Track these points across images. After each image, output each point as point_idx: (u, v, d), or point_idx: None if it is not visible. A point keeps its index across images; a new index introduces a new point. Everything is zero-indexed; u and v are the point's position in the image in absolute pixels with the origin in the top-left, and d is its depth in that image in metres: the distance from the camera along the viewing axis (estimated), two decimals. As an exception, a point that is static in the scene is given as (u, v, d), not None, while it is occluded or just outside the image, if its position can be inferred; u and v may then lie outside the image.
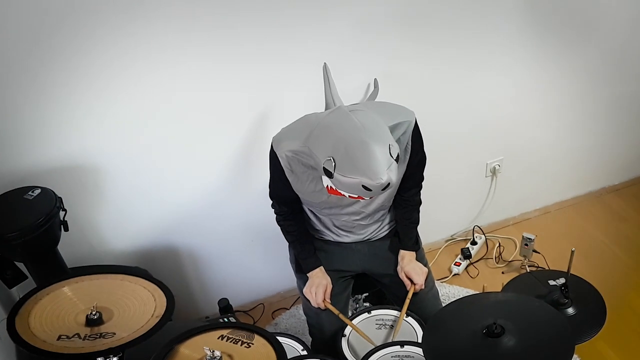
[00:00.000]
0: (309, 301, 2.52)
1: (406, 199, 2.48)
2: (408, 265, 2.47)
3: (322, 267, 2.53)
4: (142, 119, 2.76)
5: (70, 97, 2.58)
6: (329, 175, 1.90)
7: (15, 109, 2.52)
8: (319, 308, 2.49)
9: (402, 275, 2.48)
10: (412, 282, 2.47)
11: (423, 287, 2.45)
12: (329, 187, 2.00)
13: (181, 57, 2.66)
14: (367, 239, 2.58)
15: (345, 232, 2.53)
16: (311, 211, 2.52)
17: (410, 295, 2.43)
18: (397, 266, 2.54)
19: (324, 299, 2.45)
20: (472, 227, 4.02)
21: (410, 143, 2.23)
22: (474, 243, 3.94)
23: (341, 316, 2.43)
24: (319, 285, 2.46)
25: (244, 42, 2.68)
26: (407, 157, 2.25)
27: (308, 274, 2.52)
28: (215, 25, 2.60)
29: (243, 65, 2.76)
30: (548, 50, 3.43)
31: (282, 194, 2.38)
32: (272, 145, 2.22)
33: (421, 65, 3.14)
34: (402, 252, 2.52)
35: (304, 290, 2.51)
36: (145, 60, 2.60)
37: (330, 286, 2.48)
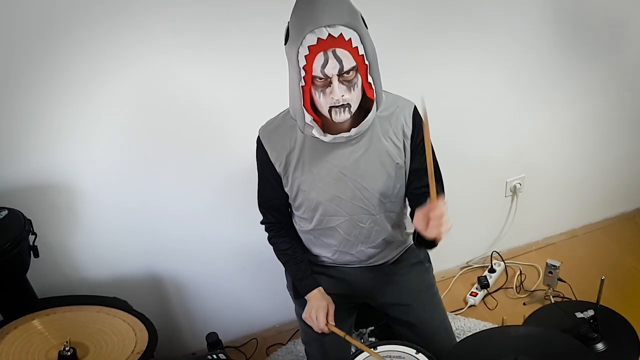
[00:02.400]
0: (309, 328, 2.52)
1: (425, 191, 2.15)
2: (435, 208, 1.97)
3: (320, 288, 2.52)
4: (121, 135, 2.78)
5: (41, 111, 2.59)
6: (285, 39, 2.02)
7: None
8: (321, 336, 2.49)
9: (418, 214, 2.04)
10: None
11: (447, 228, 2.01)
12: (301, 85, 2.05)
13: (166, 69, 2.69)
14: (374, 265, 2.60)
15: (348, 252, 2.54)
16: (308, 234, 2.54)
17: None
18: (408, 291, 2.54)
19: (327, 322, 2.44)
20: (490, 253, 4.02)
21: (410, 128, 2.29)
22: (492, 271, 3.93)
23: (348, 338, 2.41)
24: (319, 308, 2.45)
25: (235, 66, 2.77)
26: (409, 143, 2.30)
27: (306, 297, 2.52)
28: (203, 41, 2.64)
29: (230, 86, 2.83)
30: (574, 61, 3.45)
31: (270, 194, 2.43)
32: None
33: (438, 76, 3.18)
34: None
35: (303, 315, 2.50)
36: (124, 75, 2.63)
37: (332, 307, 2.48)
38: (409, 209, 2.54)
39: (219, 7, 2.61)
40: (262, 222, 2.56)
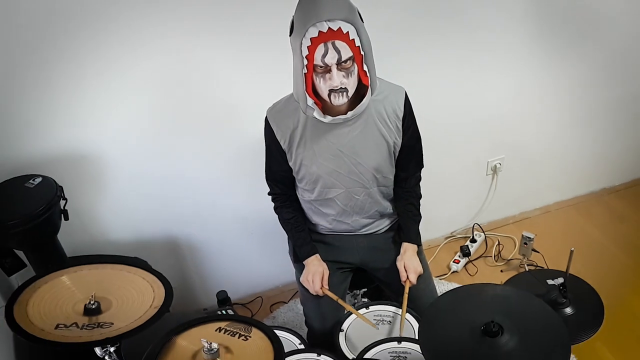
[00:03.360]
0: (307, 290, 2.54)
1: (407, 190, 2.55)
2: (409, 259, 2.48)
3: (317, 255, 2.55)
4: (146, 112, 2.79)
5: (74, 88, 2.59)
6: (290, 31, 2.06)
7: (19, 98, 2.53)
8: (317, 297, 2.51)
9: (399, 265, 2.49)
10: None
11: (414, 283, 2.45)
12: (304, 72, 2.09)
13: (187, 51, 2.69)
14: (366, 233, 2.61)
15: (344, 222, 2.55)
16: (309, 203, 2.54)
17: (407, 289, 2.43)
18: (396, 257, 2.54)
19: (322, 285, 2.46)
20: (471, 225, 4.02)
21: (402, 111, 2.34)
22: (473, 241, 3.93)
23: (340, 301, 2.44)
24: (315, 273, 2.47)
25: (255, 46, 2.76)
26: (401, 125, 2.36)
27: (304, 262, 2.54)
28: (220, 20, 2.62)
29: (243, 70, 2.83)
30: (550, 51, 3.43)
31: (276, 168, 2.46)
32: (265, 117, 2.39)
33: (422, 63, 3.16)
34: (404, 244, 2.53)
35: (301, 279, 2.53)
36: (150, 54, 2.62)
37: (327, 273, 2.50)
38: None
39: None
40: (269, 194, 2.58)
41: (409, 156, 2.47)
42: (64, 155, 2.73)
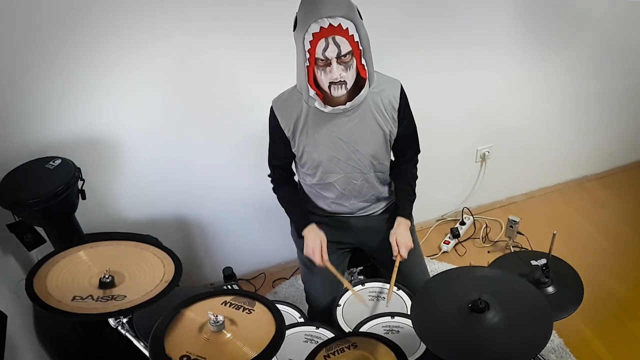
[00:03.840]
0: (308, 269, 2.58)
1: (405, 172, 2.58)
2: (401, 234, 2.47)
3: (313, 224, 2.53)
4: (159, 102, 2.79)
5: (92, 73, 2.59)
6: (294, 26, 2.09)
7: (40, 84, 2.53)
8: (317, 276, 2.55)
9: (392, 239, 2.47)
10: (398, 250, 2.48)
11: (405, 258, 2.44)
12: (306, 65, 2.11)
13: (198, 45, 2.69)
14: (363, 215, 2.61)
15: (343, 205, 2.56)
16: (311, 187, 2.56)
17: (397, 264, 2.43)
18: (389, 237, 2.53)
19: (323, 257, 2.44)
20: (461, 209, 4.02)
21: (398, 102, 2.35)
22: (462, 223, 3.94)
23: (339, 276, 2.45)
24: (314, 245, 2.45)
25: (266, 35, 2.76)
26: (396, 115, 2.37)
27: (302, 234, 2.52)
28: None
29: (250, 62, 2.84)
30: (536, 46, 3.43)
31: (278, 154, 2.47)
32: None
33: (417, 58, 3.16)
34: (398, 218, 2.52)
35: (304, 252, 2.50)
36: (165, 41, 2.63)
37: (325, 240, 2.48)
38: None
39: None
40: (269, 176, 2.59)
41: (406, 143, 2.49)
42: (83, 139, 2.74)
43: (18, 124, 2.60)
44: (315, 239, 2.46)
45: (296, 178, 2.65)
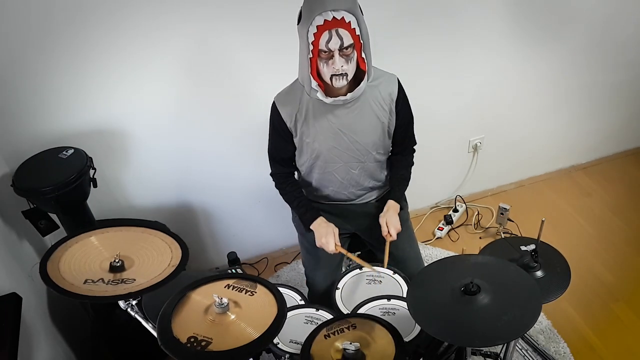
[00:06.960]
0: (309, 254, 2.61)
1: (401, 160, 2.58)
2: (390, 217, 2.45)
3: (322, 217, 2.49)
4: (167, 94, 2.79)
5: (105, 68, 2.59)
6: (298, 20, 2.08)
7: (54, 78, 2.54)
8: (317, 260, 2.58)
9: (382, 220, 2.46)
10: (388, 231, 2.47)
11: (394, 238, 2.42)
12: (309, 56, 2.10)
13: (208, 40, 2.69)
14: (361, 202, 2.61)
15: (342, 192, 2.56)
16: (311, 177, 2.54)
17: (388, 243, 2.42)
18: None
19: (336, 244, 2.41)
20: (454, 197, 4.02)
21: (396, 95, 2.35)
22: (455, 211, 3.94)
23: (350, 255, 2.43)
24: (327, 235, 2.41)
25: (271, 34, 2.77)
26: (394, 107, 2.37)
27: (311, 227, 2.49)
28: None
29: (255, 57, 2.84)
30: (527, 40, 3.41)
31: (280, 148, 2.45)
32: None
33: (409, 51, 3.15)
34: (389, 202, 2.51)
35: (317, 243, 2.45)
36: (177, 34, 2.62)
37: (336, 230, 2.44)
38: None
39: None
40: (270, 174, 2.56)
41: (403, 134, 2.48)
42: (94, 130, 2.74)
43: (33, 116, 2.60)
44: (327, 229, 2.43)
45: (296, 174, 2.64)
